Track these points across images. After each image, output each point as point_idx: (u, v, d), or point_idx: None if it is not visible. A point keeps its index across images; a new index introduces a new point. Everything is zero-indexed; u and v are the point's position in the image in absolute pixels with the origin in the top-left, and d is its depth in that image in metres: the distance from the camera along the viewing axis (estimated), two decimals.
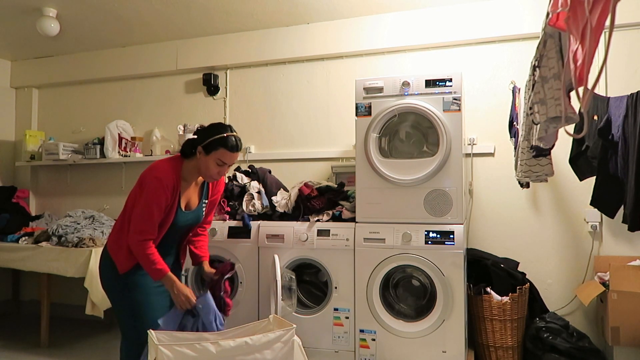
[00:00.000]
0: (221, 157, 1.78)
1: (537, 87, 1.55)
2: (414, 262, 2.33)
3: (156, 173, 1.74)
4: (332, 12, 3.07)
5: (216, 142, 1.77)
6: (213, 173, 1.81)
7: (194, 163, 1.83)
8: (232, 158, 1.82)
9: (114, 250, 1.79)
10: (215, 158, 1.78)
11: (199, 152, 1.80)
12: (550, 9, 1.37)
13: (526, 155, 2.17)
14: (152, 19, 3.20)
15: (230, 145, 1.79)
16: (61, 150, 3.65)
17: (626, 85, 2.59)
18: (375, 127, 2.45)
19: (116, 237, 1.81)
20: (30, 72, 4.02)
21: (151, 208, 1.71)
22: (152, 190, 1.71)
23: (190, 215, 1.89)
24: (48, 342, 3.06)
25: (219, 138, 1.78)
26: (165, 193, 1.73)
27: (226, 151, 1.78)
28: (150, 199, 1.71)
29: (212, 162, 1.78)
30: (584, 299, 2.40)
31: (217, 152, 1.77)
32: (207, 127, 1.85)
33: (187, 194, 1.87)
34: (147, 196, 1.71)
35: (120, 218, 1.83)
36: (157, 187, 1.71)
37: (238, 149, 1.82)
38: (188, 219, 1.88)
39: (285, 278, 2.43)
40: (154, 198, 1.71)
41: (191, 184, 1.88)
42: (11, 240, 3.20)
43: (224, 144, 1.77)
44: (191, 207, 1.89)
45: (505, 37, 2.86)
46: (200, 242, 2.04)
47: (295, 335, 1.76)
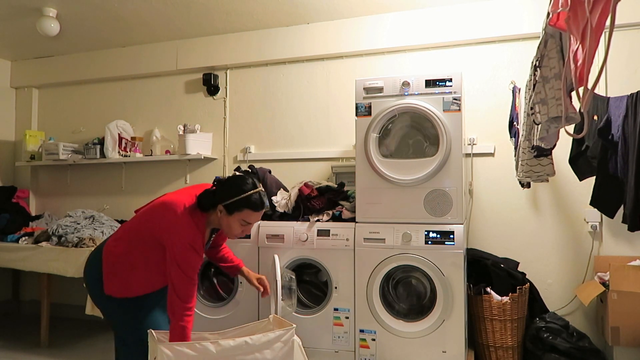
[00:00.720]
0: (246, 218, 1.66)
1: (538, 87, 1.55)
2: (414, 262, 2.33)
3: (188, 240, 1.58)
4: (332, 12, 3.07)
5: (240, 203, 1.64)
6: (237, 233, 1.70)
7: (214, 216, 1.69)
8: (258, 217, 1.70)
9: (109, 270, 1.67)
10: (239, 219, 1.66)
11: (220, 210, 1.66)
12: (551, 9, 1.37)
13: (527, 155, 2.17)
14: (152, 19, 3.20)
15: (255, 205, 1.66)
16: (61, 150, 3.64)
17: (626, 85, 2.59)
18: (375, 127, 2.45)
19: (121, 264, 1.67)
20: (31, 72, 4.02)
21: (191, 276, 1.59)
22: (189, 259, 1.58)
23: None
24: (48, 342, 3.06)
25: (243, 198, 1.64)
26: (200, 257, 1.63)
27: (251, 212, 1.66)
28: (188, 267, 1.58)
29: (235, 222, 1.66)
30: (584, 299, 2.40)
31: (241, 214, 1.65)
32: (229, 182, 1.70)
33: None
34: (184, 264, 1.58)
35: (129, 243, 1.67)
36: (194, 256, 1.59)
37: (263, 206, 1.69)
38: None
39: (285, 278, 2.43)
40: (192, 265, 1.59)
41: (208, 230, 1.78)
42: (11, 240, 3.19)
43: (249, 205, 1.65)
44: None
45: (505, 37, 2.86)
46: (227, 254, 1.97)
47: (295, 335, 1.76)
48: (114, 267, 1.67)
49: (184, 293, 1.58)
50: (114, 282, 1.67)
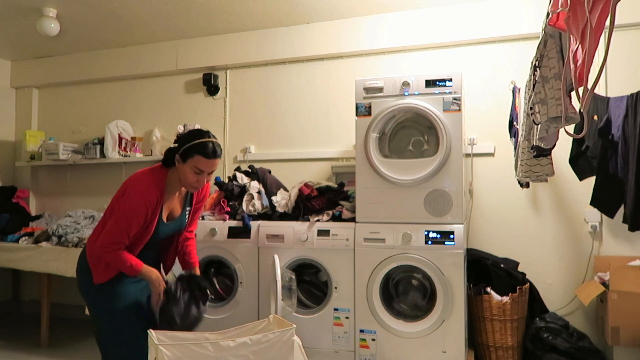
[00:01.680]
0: (197, 165, 1.68)
1: (537, 87, 1.55)
2: (414, 262, 2.33)
3: (139, 187, 1.66)
4: (332, 12, 3.07)
5: (192, 149, 1.68)
6: (192, 181, 1.71)
7: (176, 173, 1.75)
8: (210, 165, 1.71)
9: (93, 260, 1.72)
10: (191, 166, 1.68)
11: (177, 160, 1.71)
12: (551, 9, 1.37)
13: (527, 155, 2.17)
14: (152, 19, 3.20)
15: (207, 152, 1.68)
16: (61, 150, 3.64)
17: (626, 86, 2.59)
18: (375, 127, 2.45)
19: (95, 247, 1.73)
20: (31, 72, 4.02)
21: (128, 222, 1.64)
22: (133, 206, 1.63)
23: (172, 226, 1.82)
24: (48, 342, 3.06)
25: (195, 144, 1.68)
26: (147, 209, 1.66)
27: (202, 158, 1.68)
28: (128, 213, 1.63)
29: (189, 170, 1.69)
30: (584, 299, 2.40)
31: (192, 160, 1.68)
32: (185, 133, 1.77)
33: (170, 204, 1.80)
34: (126, 210, 1.64)
35: (100, 226, 1.75)
36: (139, 204, 1.64)
37: (216, 155, 1.71)
38: (170, 229, 1.82)
39: (285, 278, 2.43)
40: (133, 214, 1.64)
41: (175, 194, 1.80)
42: (11, 240, 3.20)
43: (199, 151, 1.68)
44: (174, 216, 1.83)
45: (505, 37, 2.86)
46: (189, 248, 1.97)
47: (295, 335, 1.76)
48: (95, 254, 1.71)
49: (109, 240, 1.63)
50: (98, 267, 1.71)
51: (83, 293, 1.79)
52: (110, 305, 1.72)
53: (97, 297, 1.75)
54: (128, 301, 1.74)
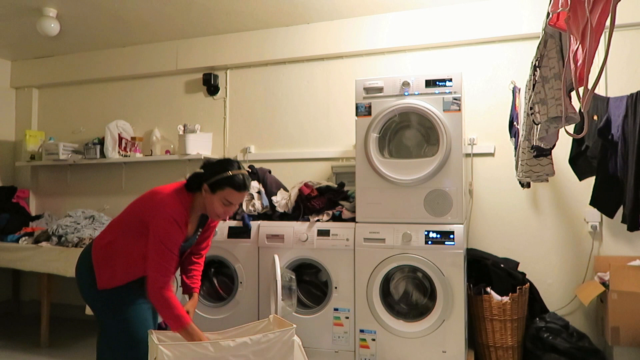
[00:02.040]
0: (228, 197, 1.70)
1: (537, 87, 1.55)
2: (414, 262, 2.33)
3: (171, 213, 1.63)
4: (332, 12, 3.07)
5: (223, 181, 1.69)
6: (219, 212, 1.72)
7: (200, 199, 1.74)
8: (239, 198, 1.73)
9: (100, 264, 1.69)
10: (221, 197, 1.70)
11: (205, 190, 1.71)
12: (551, 9, 1.37)
13: (527, 155, 2.17)
14: (152, 19, 3.20)
15: (238, 185, 1.70)
16: (61, 150, 3.64)
17: (626, 86, 2.59)
18: (375, 127, 2.45)
19: (107, 253, 1.70)
20: (30, 72, 4.02)
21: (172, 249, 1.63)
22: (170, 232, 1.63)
23: (185, 245, 1.81)
24: (48, 342, 3.06)
25: (226, 177, 1.69)
26: (182, 233, 1.67)
27: (233, 191, 1.70)
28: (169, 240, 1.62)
29: (217, 201, 1.70)
30: (584, 299, 2.40)
31: (223, 192, 1.69)
32: (214, 162, 1.77)
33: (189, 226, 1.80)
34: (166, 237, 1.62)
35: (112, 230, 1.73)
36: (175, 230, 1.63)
37: (246, 188, 1.73)
38: (183, 249, 1.81)
39: (285, 278, 2.43)
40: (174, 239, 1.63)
41: (194, 217, 1.81)
42: (11, 240, 3.19)
43: (231, 184, 1.69)
44: (187, 236, 1.81)
45: (505, 37, 2.86)
46: (195, 272, 1.96)
47: (295, 335, 1.76)
48: (102, 258, 1.70)
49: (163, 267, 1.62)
50: (104, 273, 1.68)
51: (85, 296, 1.77)
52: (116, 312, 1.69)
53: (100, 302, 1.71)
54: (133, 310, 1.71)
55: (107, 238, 1.73)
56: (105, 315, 1.72)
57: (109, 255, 1.70)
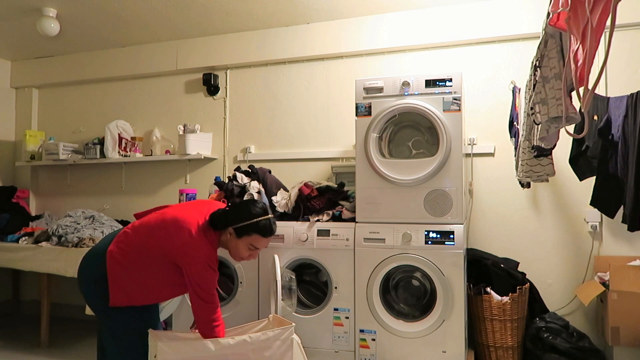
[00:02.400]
0: (255, 243, 1.71)
1: (538, 87, 1.55)
2: (414, 262, 2.33)
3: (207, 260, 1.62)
4: (332, 12, 3.07)
5: (249, 227, 1.69)
6: (243, 256, 1.73)
7: (224, 238, 1.74)
8: (266, 243, 1.74)
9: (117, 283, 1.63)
10: (247, 243, 1.70)
11: (230, 233, 1.71)
12: (551, 9, 1.37)
13: (527, 155, 2.17)
14: (152, 19, 3.20)
15: (264, 231, 1.70)
16: (61, 150, 3.64)
17: (626, 86, 2.59)
18: (375, 127, 2.45)
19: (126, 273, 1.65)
20: (30, 72, 4.02)
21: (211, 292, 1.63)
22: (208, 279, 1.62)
23: None
24: (48, 342, 3.06)
25: (254, 223, 1.69)
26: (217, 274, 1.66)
27: (260, 237, 1.70)
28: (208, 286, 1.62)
29: (243, 246, 1.71)
30: (584, 299, 2.40)
31: (250, 238, 1.70)
32: (241, 205, 1.75)
33: None
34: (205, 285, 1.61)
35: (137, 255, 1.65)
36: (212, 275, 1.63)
37: (272, 233, 1.74)
38: None
39: (285, 278, 2.43)
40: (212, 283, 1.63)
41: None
42: (11, 240, 3.19)
43: (259, 231, 1.69)
44: None
45: (505, 37, 2.86)
46: None
47: (294, 333, 1.76)
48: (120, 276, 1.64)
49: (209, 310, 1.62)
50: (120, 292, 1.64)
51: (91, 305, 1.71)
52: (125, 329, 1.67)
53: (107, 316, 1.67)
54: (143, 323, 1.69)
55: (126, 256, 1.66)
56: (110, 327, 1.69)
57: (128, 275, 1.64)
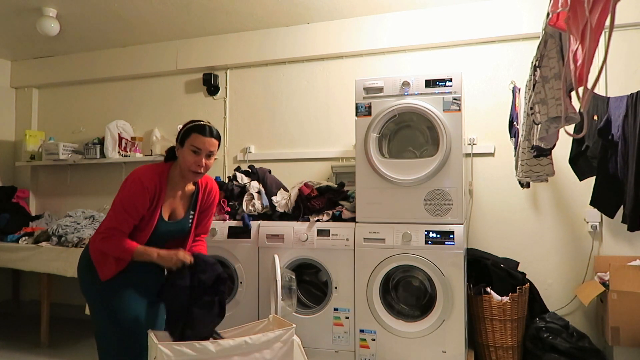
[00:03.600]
0: (194, 143, 1.71)
1: (537, 87, 1.55)
2: (414, 262, 2.33)
3: (137, 174, 1.68)
4: (332, 12, 3.07)
5: (188, 130, 1.74)
6: (190, 163, 1.72)
7: (178, 166, 1.77)
8: (206, 143, 1.73)
9: (98, 257, 1.72)
10: (189, 145, 1.72)
11: (177, 148, 1.76)
12: (551, 9, 1.37)
13: (527, 155, 2.17)
14: (152, 19, 3.20)
15: (201, 129, 1.73)
16: (61, 150, 3.65)
17: (626, 85, 2.59)
18: (375, 127, 2.45)
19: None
20: (30, 72, 4.02)
21: (126, 209, 1.64)
22: (132, 191, 1.65)
23: (172, 227, 1.80)
24: (48, 342, 3.06)
25: (191, 125, 1.75)
26: (144, 195, 1.66)
27: (198, 135, 1.72)
28: (127, 199, 1.65)
29: (187, 152, 1.72)
30: (584, 299, 2.40)
31: (189, 139, 1.72)
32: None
33: (172, 203, 1.80)
34: (124, 196, 1.65)
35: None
36: (136, 189, 1.65)
37: (211, 133, 1.75)
38: (170, 229, 1.79)
39: (285, 278, 2.43)
40: (132, 199, 1.65)
41: (177, 192, 1.80)
42: (11, 240, 3.19)
43: (196, 129, 1.73)
44: (176, 217, 1.82)
45: (505, 37, 2.86)
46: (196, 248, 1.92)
47: (294, 335, 1.76)
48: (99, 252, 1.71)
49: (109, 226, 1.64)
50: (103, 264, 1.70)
51: (86, 292, 1.77)
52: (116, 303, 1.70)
53: (102, 295, 1.72)
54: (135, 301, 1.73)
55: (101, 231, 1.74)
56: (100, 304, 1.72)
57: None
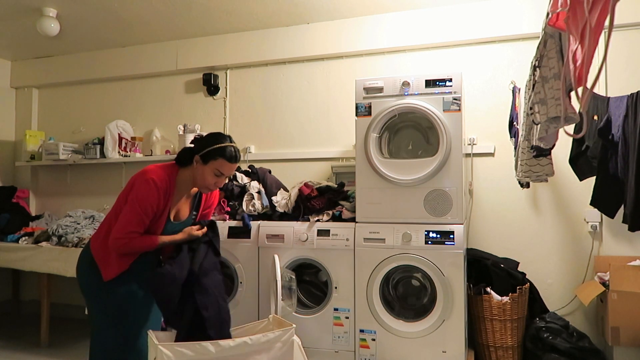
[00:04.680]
0: (219, 168, 1.74)
1: (537, 87, 1.55)
2: (414, 262, 2.33)
3: (150, 175, 1.68)
4: (332, 12, 3.07)
5: (215, 152, 1.73)
6: (209, 183, 1.76)
7: (189, 172, 1.78)
8: (231, 169, 1.77)
9: (101, 256, 1.71)
10: (213, 168, 1.74)
11: (196, 161, 1.75)
12: (550, 9, 1.37)
13: (526, 155, 2.17)
14: (153, 19, 3.20)
15: (230, 156, 1.75)
16: (61, 150, 3.65)
17: (626, 85, 2.58)
18: (375, 127, 2.45)
19: (103, 243, 1.72)
20: (30, 72, 4.02)
21: (143, 209, 1.65)
22: (144, 192, 1.65)
23: (178, 227, 1.82)
24: (48, 342, 3.06)
25: (218, 148, 1.73)
26: (158, 195, 1.67)
27: (225, 161, 1.74)
28: (141, 200, 1.64)
29: (209, 172, 1.74)
30: (584, 299, 2.39)
31: (215, 162, 1.73)
32: (206, 136, 1.81)
33: (178, 204, 1.82)
34: (138, 197, 1.65)
35: (107, 222, 1.74)
36: (150, 189, 1.65)
37: (237, 159, 1.78)
38: (176, 230, 1.82)
39: (285, 278, 2.43)
40: (146, 199, 1.65)
41: (183, 194, 1.82)
42: (11, 240, 3.19)
43: (223, 154, 1.73)
44: (180, 218, 1.84)
45: (505, 37, 2.86)
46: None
47: (294, 335, 1.76)
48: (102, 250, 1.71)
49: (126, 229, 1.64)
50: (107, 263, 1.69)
51: (87, 292, 1.77)
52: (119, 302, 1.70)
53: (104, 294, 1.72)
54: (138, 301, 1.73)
55: (103, 231, 1.74)
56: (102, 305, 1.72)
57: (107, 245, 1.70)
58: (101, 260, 1.71)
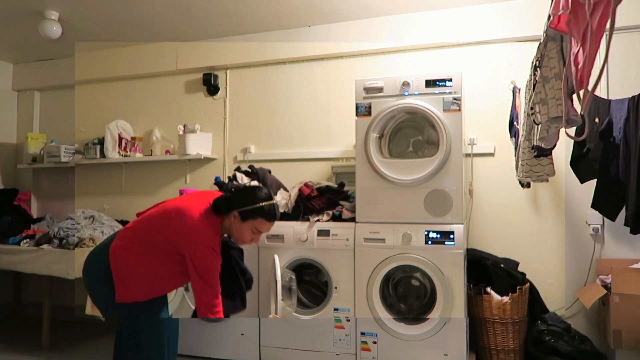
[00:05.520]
0: (259, 227, 1.76)
1: (538, 87, 1.54)
2: (414, 262, 2.33)
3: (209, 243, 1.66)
4: (332, 15, 3.05)
5: (254, 211, 1.73)
6: (246, 240, 1.78)
7: (227, 222, 1.77)
8: (270, 227, 1.79)
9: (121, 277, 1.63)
10: (251, 226, 1.75)
11: (234, 216, 1.74)
12: (552, 12, 1.36)
13: (527, 155, 2.16)
14: (154, 23, 3.19)
15: (269, 216, 1.76)
16: (63, 152, 3.65)
17: (628, 88, 2.56)
18: (375, 127, 2.44)
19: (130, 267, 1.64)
20: (32, 75, 4.02)
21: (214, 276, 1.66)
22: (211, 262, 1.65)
23: None
24: (50, 344, 3.05)
25: (259, 207, 1.74)
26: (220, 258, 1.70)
27: (264, 221, 1.76)
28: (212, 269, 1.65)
29: (247, 228, 1.75)
30: (586, 302, 2.38)
31: (254, 222, 1.74)
32: (245, 190, 1.81)
33: None
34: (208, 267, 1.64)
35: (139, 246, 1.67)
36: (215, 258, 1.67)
37: (276, 218, 1.80)
38: None
39: (285, 278, 2.43)
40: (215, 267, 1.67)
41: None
42: (13, 242, 3.19)
43: (262, 214, 1.74)
44: None
45: (506, 39, 2.85)
46: None
47: None
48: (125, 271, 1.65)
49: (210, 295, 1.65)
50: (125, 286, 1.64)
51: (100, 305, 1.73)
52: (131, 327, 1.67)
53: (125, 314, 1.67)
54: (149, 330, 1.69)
55: (131, 250, 1.68)
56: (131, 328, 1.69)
57: (133, 269, 1.65)
58: (120, 280, 1.64)
